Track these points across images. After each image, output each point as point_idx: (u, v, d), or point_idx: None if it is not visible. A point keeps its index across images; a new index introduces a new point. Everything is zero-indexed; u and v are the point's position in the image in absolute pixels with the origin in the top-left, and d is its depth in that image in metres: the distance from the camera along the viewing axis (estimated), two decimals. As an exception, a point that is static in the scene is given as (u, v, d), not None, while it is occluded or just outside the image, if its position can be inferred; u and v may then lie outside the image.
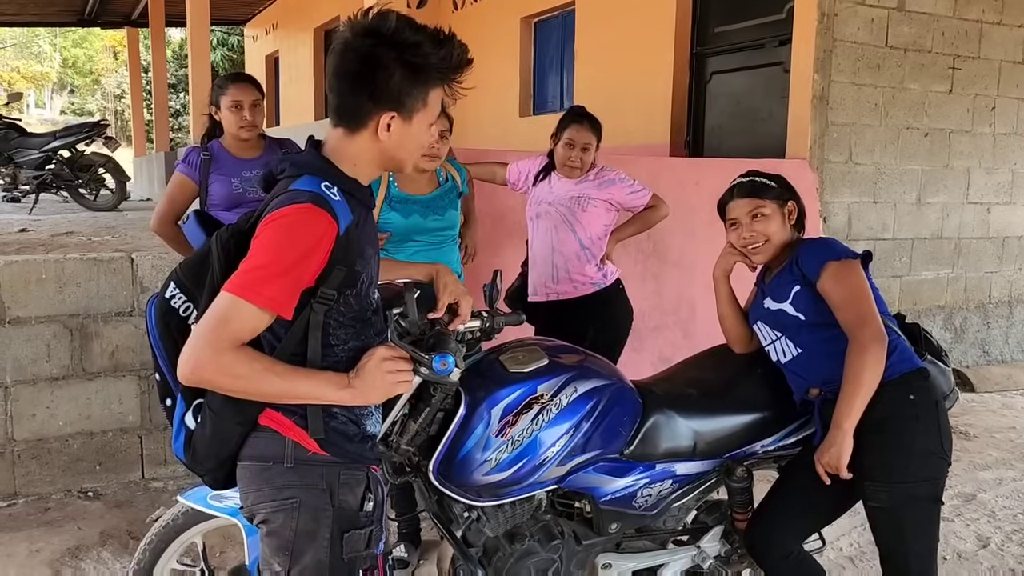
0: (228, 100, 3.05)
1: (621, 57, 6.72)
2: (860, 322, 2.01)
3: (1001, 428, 4.66)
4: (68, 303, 3.35)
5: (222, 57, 20.91)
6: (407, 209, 2.80)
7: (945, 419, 2.08)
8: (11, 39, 28.34)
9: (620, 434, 2.05)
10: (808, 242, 2.22)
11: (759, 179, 2.24)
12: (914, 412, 2.03)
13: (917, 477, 2.02)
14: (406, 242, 2.81)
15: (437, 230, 2.86)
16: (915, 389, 2.05)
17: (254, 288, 1.34)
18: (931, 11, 5.23)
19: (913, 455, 2.01)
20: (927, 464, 2.03)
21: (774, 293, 2.20)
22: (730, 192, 2.27)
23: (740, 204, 2.23)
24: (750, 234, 2.20)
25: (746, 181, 2.25)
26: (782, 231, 2.21)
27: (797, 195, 2.27)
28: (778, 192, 2.23)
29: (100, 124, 8.58)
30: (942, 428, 2.05)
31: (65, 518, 3.21)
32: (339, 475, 1.47)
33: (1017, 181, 5.84)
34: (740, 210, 2.22)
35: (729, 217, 2.26)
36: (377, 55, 1.40)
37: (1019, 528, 3.35)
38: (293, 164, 1.48)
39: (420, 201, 2.83)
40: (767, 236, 2.19)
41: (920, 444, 2.02)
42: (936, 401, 2.08)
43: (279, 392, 1.39)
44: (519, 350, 2.02)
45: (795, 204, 2.24)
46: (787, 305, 2.15)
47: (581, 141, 3.15)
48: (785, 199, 2.22)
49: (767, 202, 2.20)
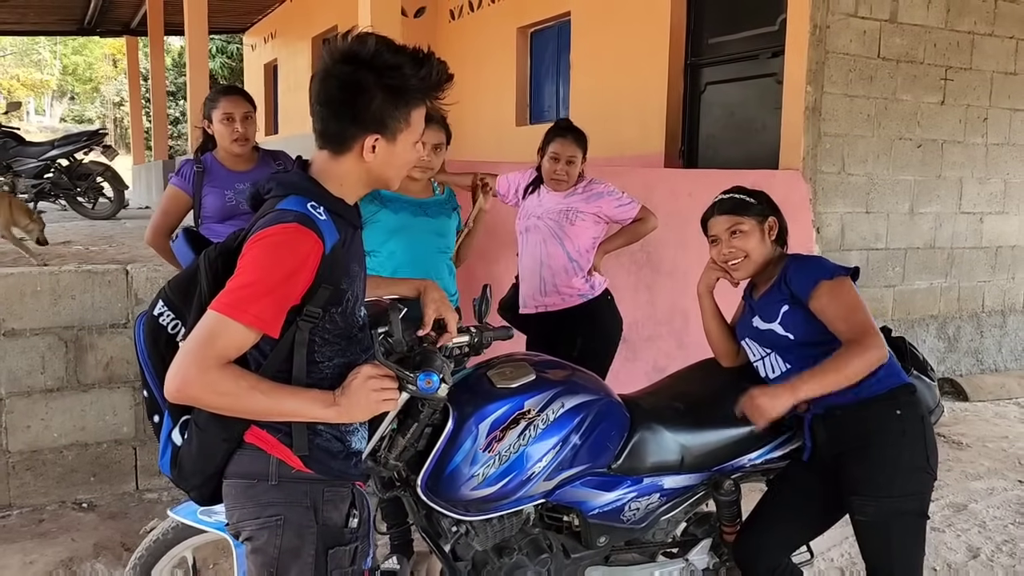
0: (220, 113, 3.07)
1: (616, 67, 6.77)
2: (862, 331, 2.00)
3: (994, 438, 4.68)
4: (63, 315, 3.37)
5: (221, 65, 20.98)
6: (398, 206, 2.74)
7: (931, 433, 2.10)
8: (11, 47, 28.42)
9: (607, 448, 2.06)
10: (796, 260, 2.22)
11: (739, 196, 2.27)
12: (901, 427, 2.05)
13: (903, 492, 2.04)
14: (389, 240, 2.71)
15: (428, 232, 2.79)
16: (902, 404, 2.07)
17: (240, 307, 1.36)
18: (923, 23, 5.26)
19: (899, 470, 2.03)
20: (913, 479, 2.05)
21: (763, 312, 2.21)
22: (711, 209, 2.29)
23: (720, 221, 2.25)
24: (729, 250, 2.23)
25: (726, 198, 2.28)
26: (761, 247, 2.23)
27: (778, 211, 2.29)
28: (758, 209, 2.24)
29: (98, 133, 8.63)
30: (928, 443, 2.07)
31: (59, 529, 3.22)
32: (323, 492, 1.49)
33: (1010, 191, 5.87)
34: (719, 227, 2.25)
35: (710, 233, 2.29)
36: (357, 81, 1.42)
37: (1009, 539, 3.37)
38: (280, 184, 1.51)
39: (412, 201, 2.78)
40: (746, 252, 2.21)
41: (907, 459, 2.04)
42: (922, 416, 2.10)
43: (264, 410, 1.41)
44: (507, 365, 2.03)
45: (776, 220, 2.25)
46: (776, 325, 2.16)
47: (566, 154, 3.18)
48: (765, 215, 2.24)
49: (745, 219, 2.22)
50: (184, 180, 3.13)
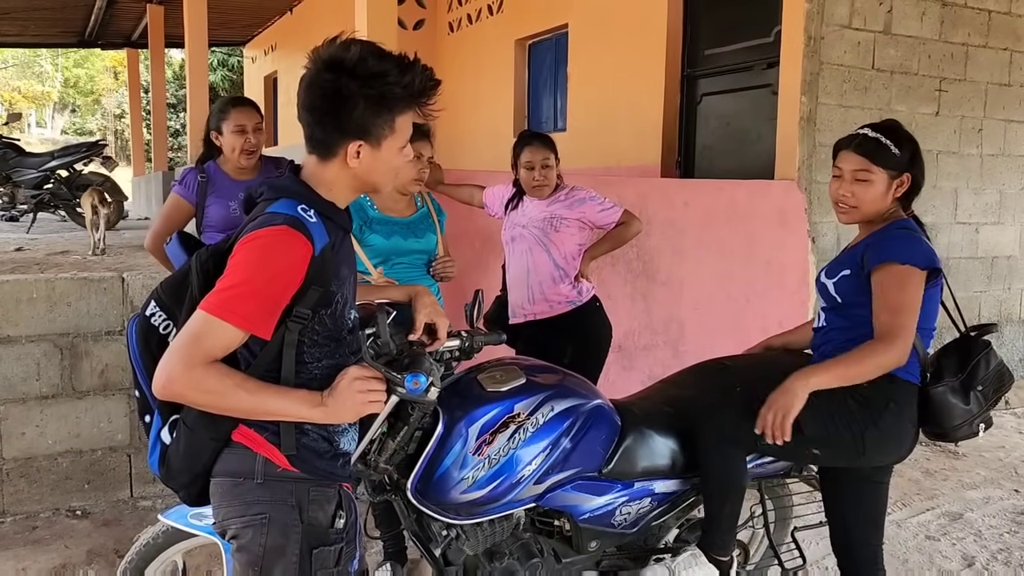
0: (231, 124, 3.05)
1: (613, 79, 6.80)
2: (894, 332, 1.98)
3: (990, 447, 4.67)
4: (59, 322, 3.38)
5: (222, 78, 21.09)
6: (388, 230, 2.83)
7: (891, 425, 2.08)
8: (13, 59, 28.57)
9: (598, 452, 2.07)
10: (887, 233, 2.10)
11: (884, 140, 2.09)
12: (879, 414, 2.05)
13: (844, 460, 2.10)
14: (386, 263, 2.84)
15: (418, 251, 2.89)
16: (896, 395, 2.07)
17: (227, 307, 1.37)
18: (917, 34, 5.29)
19: (856, 440, 2.06)
20: (848, 456, 2.10)
21: (830, 268, 2.20)
22: (850, 140, 2.14)
23: (850, 158, 2.11)
24: (845, 194, 2.11)
25: (869, 137, 2.10)
26: (879, 202, 2.10)
27: (919, 167, 2.13)
28: (895, 161, 2.08)
29: (98, 144, 8.68)
30: (892, 444, 2.09)
31: (52, 536, 3.21)
32: (309, 492, 1.49)
33: (1005, 201, 5.89)
34: (847, 164, 2.11)
35: (837, 164, 2.15)
36: (339, 89, 1.44)
37: (1004, 547, 3.36)
38: (271, 188, 1.52)
39: (400, 223, 2.87)
40: (860, 202, 2.10)
41: (870, 442, 2.06)
42: (907, 421, 2.09)
43: (250, 408, 1.42)
44: (497, 369, 2.04)
45: (910, 177, 2.11)
46: (831, 283, 2.16)
47: (539, 159, 3.21)
48: (901, 171, 2.09)
49: (878, 170, 2.08)
50: (187, 189, 3.12)
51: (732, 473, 2.13)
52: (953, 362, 2.15)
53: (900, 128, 2.15)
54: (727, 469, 2.13)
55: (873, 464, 2.12)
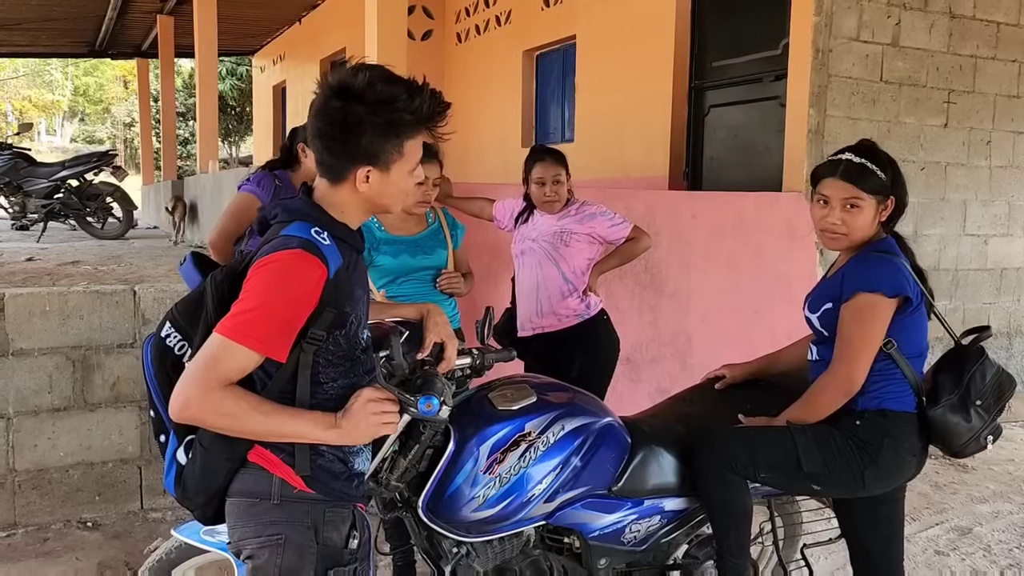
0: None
1: (621, 90, 6.82)
2: (836, 360, 2.04)
3: (999, 460, 4.65)
4: (71, 335, 3.41)
5: (231, 87, 21.21)
6: (395, 250, 2.86)
7: (887, 459, 2.05)
8: (24, 68, 28.78)
9: (608, 470, 2.07)
10: (864, 260, 2.07)
11: (868, 164, 2.04)
12: (876, 452, 2.04)
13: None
14: (395, 281, 2.85)
15: (427, 268, 2.91)
16: (891, 429, 2.05)
17: (243, 330, 1.39)
18: (925, 47, 5.30)
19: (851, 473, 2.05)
20: (848, 490, 2.09)
21: (812, 302, 2.17)
22: (832, 166, 2.08)
23: (836, 185, 2.05)
24: (835, 222, 2.06)
25: (854, 163, 2.04)
26: (867, 228, 2.06)
27: (902, 188, 2.10)
28: (881, 184, 2.04)
29: (108, 154, 8.71)
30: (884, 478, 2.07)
31: (64, 548, 3.23)
32: (324, 512, 1.50)
33: (1014, 213, 5.88)
34: (835, 192, 2.05)
35: (822, 192, 2.08)
36: (347, 116, 1.45)
37: (1015, 563, 3.34)
38: (285, 210, 1.54)
39: (407, 241, 2.89)
40: (851, 230, 2.05)
41: (870, 478, 2.05)
42: (906, 453, 2.07)
43: (265, 431, 1.43)
44: (508, 387, 2.05)
45: (895, 200, 2.07)
46: (815, 318, 2.16)
47: (550, 175, 3.23)
48: (887, 194, 2.06)
49: (866, 195, 2.03)
50: (263, 190, 3.12)
51: (732, 500, 2.11)
52: (948, 378, 2.09)
53: (878, 149, 2.12)
54: (725, 497, 2.10)
55: (875, 493, 2.11)
